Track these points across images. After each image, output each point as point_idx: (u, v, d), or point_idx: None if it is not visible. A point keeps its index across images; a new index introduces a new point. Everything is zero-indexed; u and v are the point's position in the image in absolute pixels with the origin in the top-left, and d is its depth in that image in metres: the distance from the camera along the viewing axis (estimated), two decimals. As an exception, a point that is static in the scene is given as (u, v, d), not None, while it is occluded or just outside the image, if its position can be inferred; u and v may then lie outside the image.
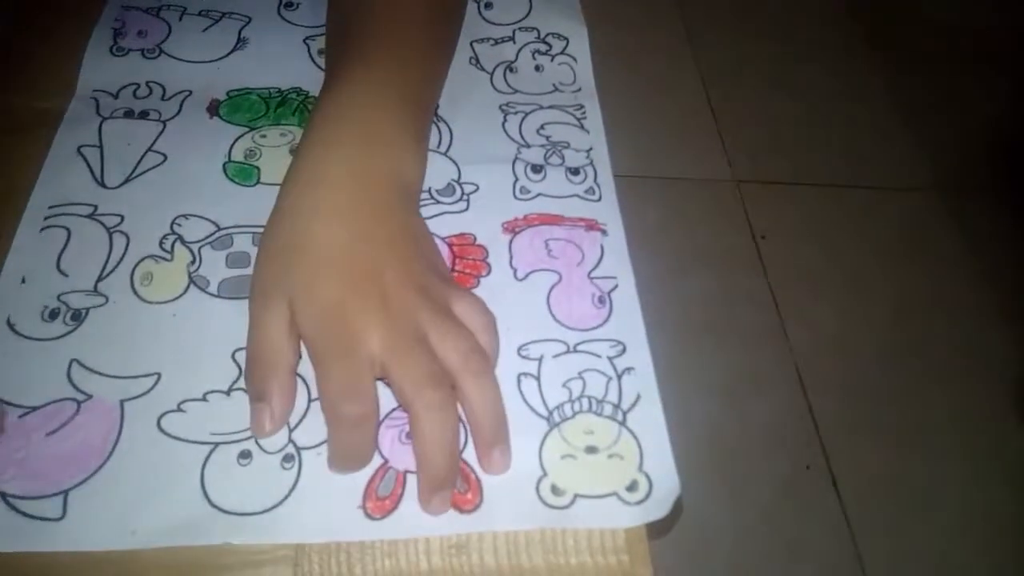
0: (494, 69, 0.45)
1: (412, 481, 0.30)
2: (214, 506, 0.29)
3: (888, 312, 1.15)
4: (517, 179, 0.40)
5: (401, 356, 0.31)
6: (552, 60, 0.45)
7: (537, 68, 0.45)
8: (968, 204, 1.28)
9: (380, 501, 0.30)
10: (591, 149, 0.41)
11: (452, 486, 0.30)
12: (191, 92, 0.41)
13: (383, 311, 0.31)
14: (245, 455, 0.30)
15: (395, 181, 0.35)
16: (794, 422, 1.04)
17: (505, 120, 0.42)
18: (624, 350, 0.34)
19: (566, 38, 0.46)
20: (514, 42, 0.46)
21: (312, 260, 0.32)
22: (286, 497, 0.29)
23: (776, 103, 1.39)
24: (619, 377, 0.33)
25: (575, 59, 0.46)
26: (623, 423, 0.32)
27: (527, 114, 0.42)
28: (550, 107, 0.43)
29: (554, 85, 0.44)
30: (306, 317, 0.31)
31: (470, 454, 0.31)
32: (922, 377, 1.09)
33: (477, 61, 0.45)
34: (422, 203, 0.38)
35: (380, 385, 0.32)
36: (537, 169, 0.40)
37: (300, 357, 0.32)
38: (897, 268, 1.20)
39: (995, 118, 1.38)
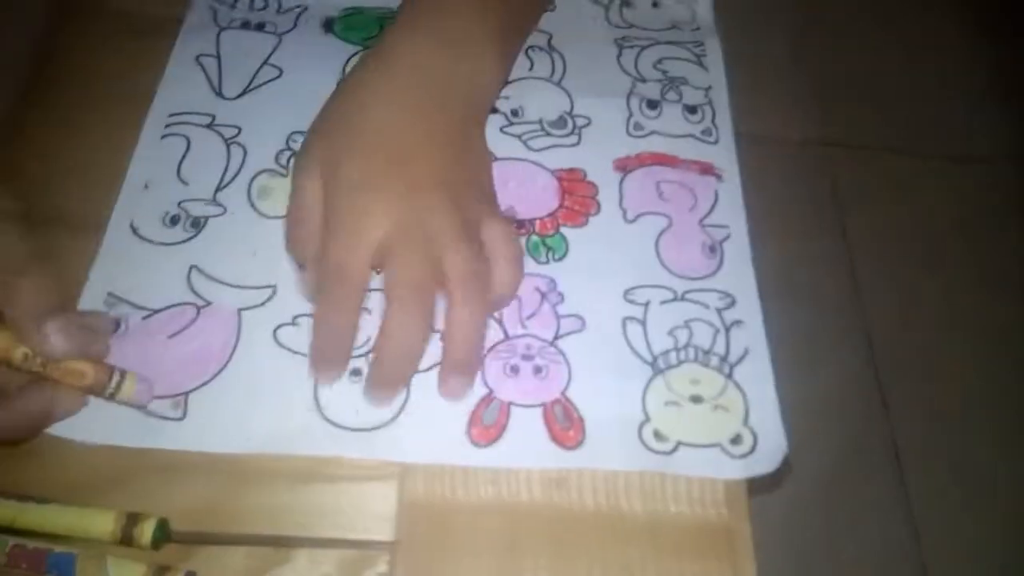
0: (609, 3, 0.43)
1: (516, 413, 0.30)
2: (327, 420, 0.30)
3: (967, 286, 1.10)
4: (631, 114, 0.38)
5: (399, 251, 0.30)
6: None
7: (655, 4, 0.43)
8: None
9: (485, 428, 0.30)
10: (710, 88, 0.40)
11: (398, 391, 0.30)
12: (307, 7, 0.41)
13: (403, 200, 0.31)
14: (356, 372, 0.31)
15: (464, 84, 0.34)
16: (860, 392, 1.02)
17: (620, 54, 0.41)
18: (733, 302, 0.34)
19: None
20: None
21: (356, 134, 0.32)
22: (395, 417, 0.30)
23: (869, 67, 1.32)
24: (727, 330, 0.33)
25: None
26: (729, 376, 0.31)
27: (643, 48, 0.41)
28: (667, 43, 0.41)
29: (672, 23, 0.42)
30: (331, 188, 0.31)
31: (573, 392, 0.31)
32: (997, 356, 1.05)
33: None
34: (533, 134, 0.37)
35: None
36: (653, 105, 0.39)
37: None
38: (980, 240, 1.14)
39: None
